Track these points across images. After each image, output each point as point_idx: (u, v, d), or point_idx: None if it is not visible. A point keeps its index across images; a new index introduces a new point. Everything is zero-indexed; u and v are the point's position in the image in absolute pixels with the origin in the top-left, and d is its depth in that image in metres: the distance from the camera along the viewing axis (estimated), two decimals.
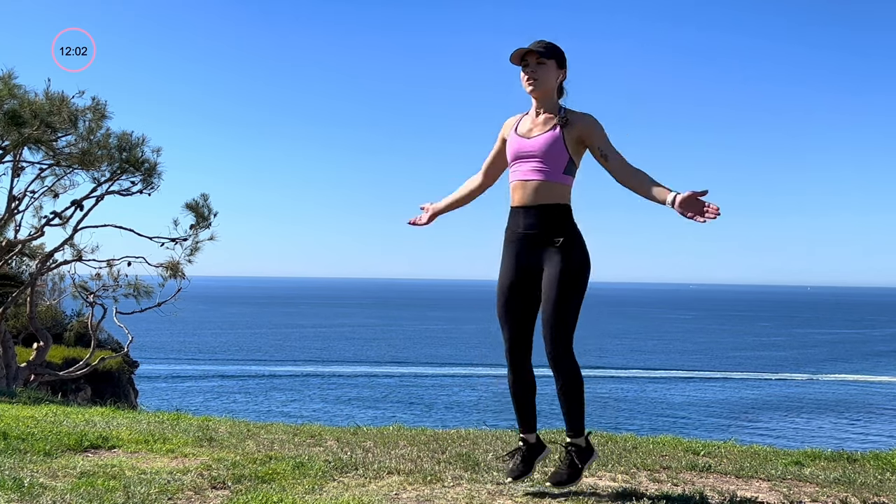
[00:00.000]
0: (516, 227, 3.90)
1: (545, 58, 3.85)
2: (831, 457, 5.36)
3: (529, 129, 3.93)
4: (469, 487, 4.00)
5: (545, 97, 3.90)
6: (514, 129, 4.00)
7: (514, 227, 3.92)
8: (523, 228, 3.86)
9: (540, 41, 3.91)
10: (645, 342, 75.31)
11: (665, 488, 4.13)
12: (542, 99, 3.91)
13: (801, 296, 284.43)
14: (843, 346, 76.14)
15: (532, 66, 3.87)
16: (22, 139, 13.14)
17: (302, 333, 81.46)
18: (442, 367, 54.70)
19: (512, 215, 3.94)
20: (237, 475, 4.17)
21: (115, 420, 6.56)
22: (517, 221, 3.90)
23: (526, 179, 3.86)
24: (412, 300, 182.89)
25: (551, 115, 3.89)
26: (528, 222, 3.84)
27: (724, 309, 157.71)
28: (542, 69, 3.86)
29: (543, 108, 3.92)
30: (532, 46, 3.88)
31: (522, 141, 3.90)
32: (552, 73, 3.88)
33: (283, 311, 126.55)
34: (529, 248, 3.85)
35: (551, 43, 3.91)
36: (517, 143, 3.92)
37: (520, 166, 3.89)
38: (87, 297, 17.44)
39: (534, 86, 3.88)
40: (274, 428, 6.25)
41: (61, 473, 4.19)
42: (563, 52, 3.93)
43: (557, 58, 3.89)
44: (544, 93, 3.89)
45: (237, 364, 55.20)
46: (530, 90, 3.90)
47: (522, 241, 3.87)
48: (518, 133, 3.95)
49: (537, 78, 3.86)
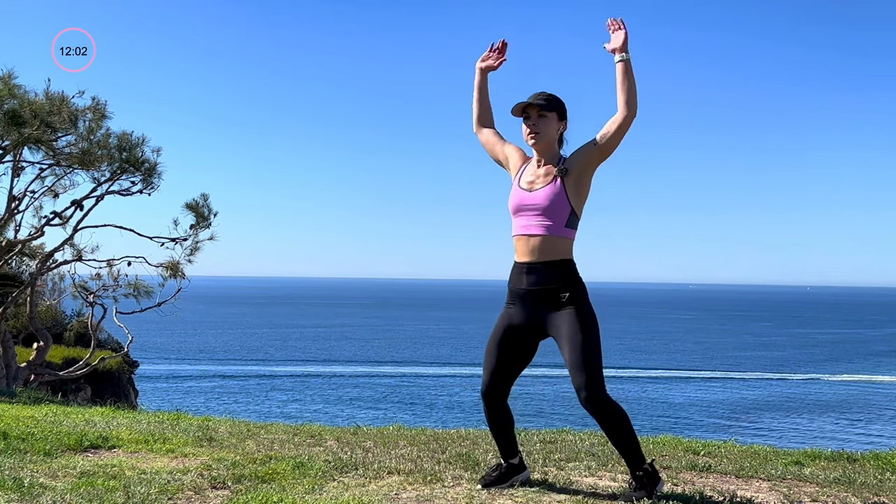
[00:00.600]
0: (521, 283, 3.90)
1: (546, 111, 3.88)
2: (831, 457, 5.36)
3: (531, 181, 3.92)
4: (469, 487, 4.00)
5: (546, 149, 3.92)
6: (517, 179, 3.99)
7: (518, 283, 3.92)
8: (528, 285, 3.86)
9: (541, 94, 3.94)
10: (645, 342, 75.30)
11: (665, 488, 4.13)
12: (543, 151, 3.93)
13: (801, 296, 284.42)
14: (843, 346, 76.13)
15: (533, 118, 3.89)
16: (22, 139, 13.14)
17: (302, 333, 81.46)
18: (442, 367, 54.71)
19: (515, 270, 3.94)
20: (237, 475, 4.17)
21: (115, 420, 6.57)
22: (521, 278, 3.89)
23: (529, 234, 3.86)
24: (412, 300, 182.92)
25: (552, 167, 3.90)
26: (532, 279, 3.85)
27: (724, 309, 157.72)
28: (543, 122, 3.88)
29: (544, 159, 3.93)
30: (533, 100, 3.90)
31: (524, 194, 3.90)
32: (553, 126, 3.90)
33: (284, 311, 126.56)
34: (534, 303, 3.85)
35: (552, 95, 3.94)
36: (519, 196, 3.92)
37: (521, 220, 3.90)
38: (87, 297, 17.44)
39: (535, 139, 3.90)
40: (274, 428, 6.25)
41: (61, 473, 4.19)
42: (563, 104, 3.96)
43: (559, 110, 3.92)
44: (546, 146, 3.91)
45: (237, 364, 55.20)
46: (532, 143, 3.92)
47: (527, 296, 3.87)
48: (520, 185, 3.96)
49: (539, 132, 3.88)
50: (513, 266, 3.97)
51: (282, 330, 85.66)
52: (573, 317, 3.75)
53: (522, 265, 3.90)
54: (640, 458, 3.78)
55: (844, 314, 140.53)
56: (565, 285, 3.80)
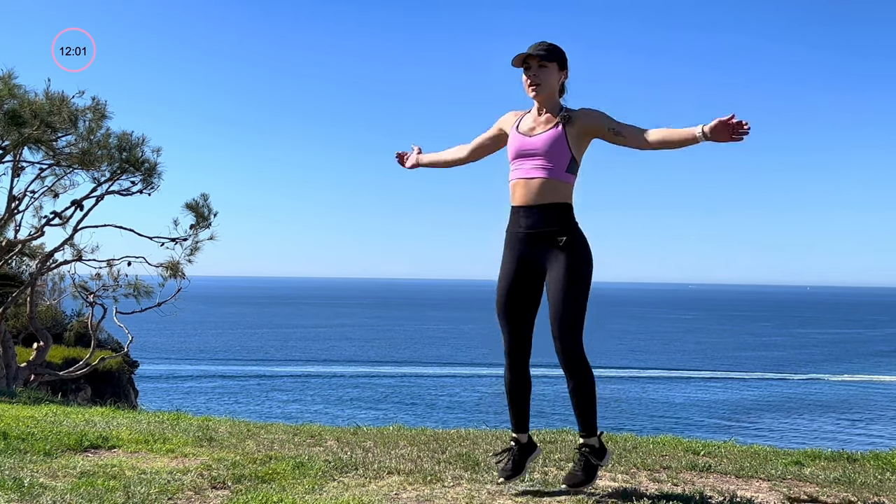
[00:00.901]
0: (517, 227, 3.89)
1: (547, 61, 3.85)
2: (831, 457, 5.36)
3: (531, 127, 3.92)
4: (469, 487, 4.00)
5: (548, 99, 3.91)
6: (516, 126, 3.98)
7: (515, 227, 3.91)
8: (525, 228, 3.85)
9: (541, 43, 3.90)
10: (645, 342, 75.31)
11: (665, 488, 4.13)
12: (544, 101, 3.92)
13: (801, 296, 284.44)
14: (843, 346, 76.14)
15: (534, 69, 3.87)
16: (22, 139, 13.14)
17: (302, 333, 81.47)
18: (443, 368, 54.71)
19: (513, 214, 3.92)
20: (237, 475, 4.17)
21: (115, 420, 6.57)
22: (518, 221, 3.88)
23: (528, 178, 3.84)
24: (413, 300, 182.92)
25: (553, 115, 3.90)
26: (529, 221, 3.83)
27: (723, 309, 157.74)
28: (544, 72, 3.87)
29: (546, 108, 3.93)
30: (532, 50, 3.87)
31: (524, 139, 3.89)
32: (554, 76, 3.88)
33: (284, 311, 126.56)
34: (531, 247, 3.84)
35: (552, 44, 3.90)
36: (518, 141, 3.91)
37: (521, 164, 3.88)
38: (87, 297, 17.44)
39: (536, 90, 3.88)
40: (274, 428, 6.25)
41: (61, 473, 4.19)
42: (564, 53, 3.93)
43: (559, 60, 3.89)
44: (547, 96, 3.90)
45: (237, 364, 55.21)
46: (533, 94, 3.90)
47: (524, 240, 3.86)
48: (519, 131, 3.94)
49: (540, 82, 3.87)
50: (510, 212, 3.93)
51: (282, 330, 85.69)
52: (566, 263, 3.73)
53: (520, 208, 3.87)
54: (595, 426, 3.82)
55: (844, 314, 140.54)
56: (562, 229, 3.78)
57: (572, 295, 3.72)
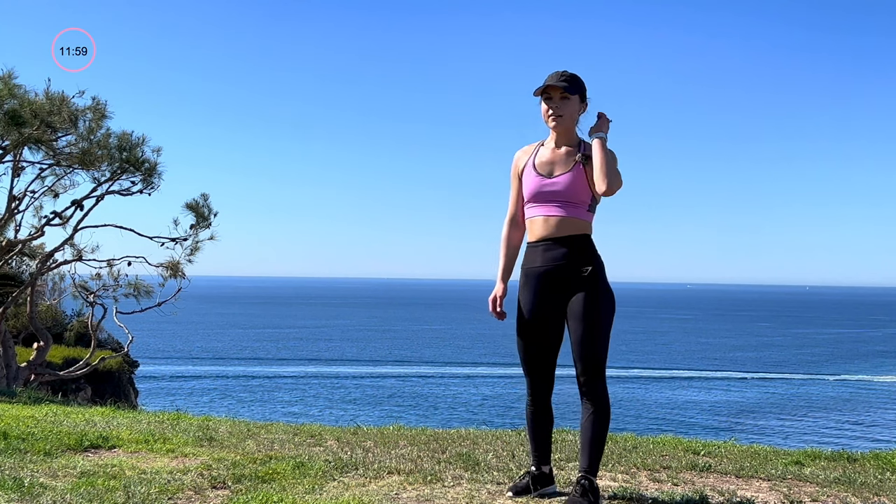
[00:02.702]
0: (537, 263, 3.76)
1: (570, 93, 3.74)
2: (831, 457, 5.37)
3: (550, 164, 3.78)
4: (469, 487, 4.00)
5: (566, 132, 3.80)
6: (532, 163, 3.83)
7: (534, 263, 3.77)
8: (546, 262, 3.72)
9: (563, 73, 3.77)
10: (645, 342, 75.30)
11: (665, 488, 4.14)
12: (564, 133, 3.80)
13: (801, 296, 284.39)
14: (843, 346, 76.14)
15: (556, 100, 3.75)
16: (22, 139, 13.14)
17: (303, 333, 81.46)
18: (444, 367, 54.71)
19: (530, 251, 3.79)
20: (237, 475, 4.17)
21: (115, 420, 6.57)
22: (537, 256, 3.75)
23: (548, 215, 3.73)
24: (413, 300, 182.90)
25: (571, 149, 3.78)
26: (552, 255, 3.71)
27: (723, 309, 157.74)
28: (565, 104, 3.75)
29: (563, 141, 3.81)
30: (555, 81, 3.74)
31: (543, 180, 3.76)
32: (575, 108, 3.78)
33: (284, 311, 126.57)
34: (553, 282, 3.72)
35: (574, 75, 3.78)
36: (537, 183, 3.77)
37: (540, 204, 3.76)
38: (87, 297, 17.44)
39: (557, 122, 3.76)
40: (274, 428, 6.26)
41: (61, 473, 4.19)
42: (584, 85, 3.81)
43: (581, 92, 3.78)
44: (566, 128, 3.79)
45: (238, 364, 55.20)
46: (553, 125, 3.78)
47: (545, 276, 3.73)
48: (537, 168, 3.80)
49: (562, 114, 3.75)
50: (526, 249, 3.83)
51: (283, 330, 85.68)
52: (591, 297, 3.65)
53: (538, 244, 3.75)
54: (596, 467, 3.67)
55: (844, 314, 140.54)
56: (587, 259, 3.68)
57: (598, 330, 3.63)
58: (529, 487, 3.80)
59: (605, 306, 3.68)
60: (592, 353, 3.63)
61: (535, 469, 3.88)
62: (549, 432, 3.93)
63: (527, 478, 3.85)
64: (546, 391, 3.88)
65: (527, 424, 3.95)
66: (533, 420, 3.90)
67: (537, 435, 3.91)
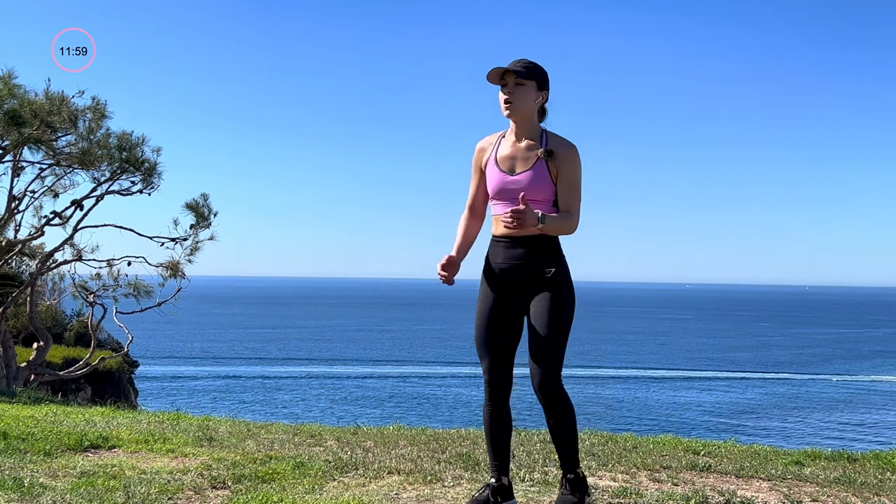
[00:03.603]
0: (500, 258, 3.65)
1: (524, 78, 3.55)
2: (831, 457, 5.37)
3: (511, 160, 3.64)
4: (469, 487, 4.00)
5: (524, 121, 3.62)
6: (494, 158, 3.69)
7: (496, 258, 3.67)
8: (506, 260, 3.62)
9: (520, 60, 3.61)
10: (645, 342, 75.31)
11: (665, 488, 4.14)
12: (521, 123, 3.63)
13: (801, 296, 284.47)
14: (843, 346, 76.16)
15: (510, 86, 3.57)
16: (22, 139, 13.15)
17: (303, 334, 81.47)
18: (445, 367, 54.70)
19: (494, 245, 3.68)
20: (237, 475, 4.17)
21: (115, 420, 6.57)
22: (500, 252, 3.64)
23: None
24: (413, 300, 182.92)
25: (533, 142, 3.61)
26: (514, 253, 3.59)
27: (722, 309, 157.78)
28: (520, 91, 3.56)
29: (523, 133, 3.64)
30: (510, 66, 3.58)
31: (504, 177, 3.62)
32: (531, 96, 3.58)
33: (285, 311, 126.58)
34: (514, 280, 3.62)
35: (532, 62, 3.61)
36: (499, 179, 3.63)
37: (504, 202, 3.64)
38: (87, 297, 17.45)
39: (510, 109, 3.58)
40: (274, 428, 6.25)
41: (61, 473, 4.19)
42: (544, 73, 3.63)
43: (538, 79, 3.59)
44: (522, 116, 3.60)
45: (238, 364, 55.21)
46: (507, 114, 3.60)
47: (507, 272, 3.63)
48: (499, 164, 3.66)
49: (513, 101, 3.56)
50: (490, 242, 3.72)
51: (283, 330, 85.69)
52: (551, 299, 3.54)
53: (502, 239, 3.64)
54: (577, 461, 3.61)
55: (844, 314, 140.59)
56: (551, 261, 3.58)
57: (556, 332, 3.52)
58: (489, 500, 3.62)
59: (566, 308, 3.57)
60: (550, 354, 3.51)
61: (495, 481, 3.66)
62: (508, 438, 3.74)
63: (486, 490, 3.64)
64: (503, 390, 3.72)
65: (484, 429, 3.79)
66: (490, 423, 3.72)
67: (495, 440, 3.71)
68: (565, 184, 3.59)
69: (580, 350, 61.98)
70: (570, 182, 3.59)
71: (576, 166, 3.60)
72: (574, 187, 3.60)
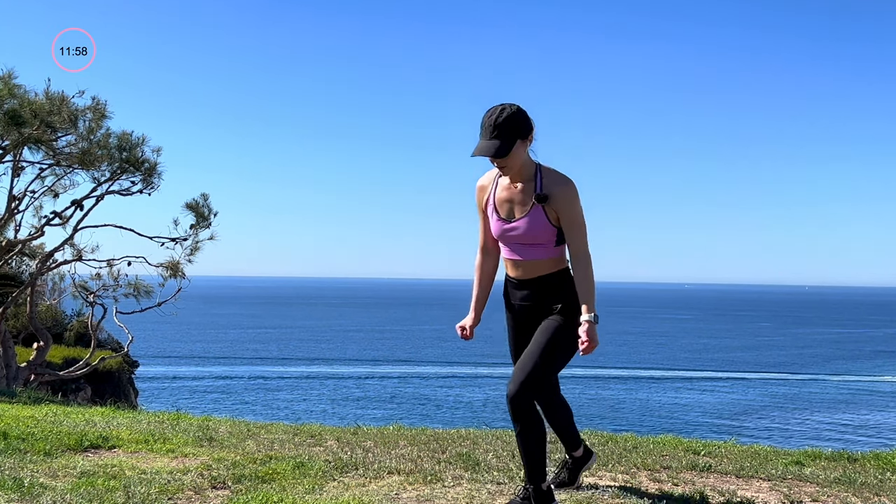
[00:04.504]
0: (513, 299, 3.84)
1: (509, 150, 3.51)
2: (831, 457, 5.36)
3: (509, 203, 3.67)
4: (469, 487, 4.00)
5: (519, 172, 3.64)
6: (493, 202, 3.73)
7: (511, 298, 3.86)
8: (516, 300, 3.81)
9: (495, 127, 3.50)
10: (645, 342, 75.30)
11: (665, 488, 4.14)
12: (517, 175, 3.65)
13: (801, 296, 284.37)
14: (843, 345, 76.14)
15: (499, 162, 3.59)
16: (22, 139, 13.14)
17: (304, 334, 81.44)
18: (445, 367, 54.69)
19: (508, 283, 3.85)
20: (237, 475, 4.17)
21: (115, 420, 6.56)
22: (513, 292, 3.82)
23: (517, 259, 3.72)
24: (413, 300, 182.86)
25: (528, 183, 3.64)
26: (524, 294, 3.76)
27: (722, 309, 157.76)
28: (509, 159, 3.55)
29: (518, 176, 3.65)
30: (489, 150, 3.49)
31: (504, 224, 3.69)
32: (520, 152, 3.56)
33: (285, 311, 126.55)
34: (528, 315, 3.79)
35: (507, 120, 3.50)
36: (499, 226, 3.70)
37: (506, 247, 3.75)
38: (87, 297, 17.43)
39: (505, 173, 3.64)
40: (274, 428, 6.25)
41: (61, 473, 4.19)
42: (521, 121, 3.54)
43: (520, 134, 3.54)
44: (518, 171, 3.63)
45: (238, 365, 55.19)
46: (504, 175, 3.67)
47: (521, 310, 3.82)
48: (498, 209, 3.71)
49: (505, 165, 3.58)
50: (505, 278, 3.87)
51: (283, 330, 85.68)
52: (554, 323, 3.64)
53: (513, 280, 3.81)
54: (542, 476, 3.58)
55: (844, 314, 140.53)
56: (558, 297, 3.68)
57: (550, 353, 3.58)
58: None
59: (567, 338, 3.61)
60: (532, 374, 3.53)
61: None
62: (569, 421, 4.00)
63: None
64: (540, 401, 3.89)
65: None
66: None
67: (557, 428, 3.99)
68: (567, 224, 3.63)
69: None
70: (571, 221, 3.62)
71: (573, 204, 3.62)
72: (576, 225, 3.63)
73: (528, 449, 3.56)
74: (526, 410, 3.53)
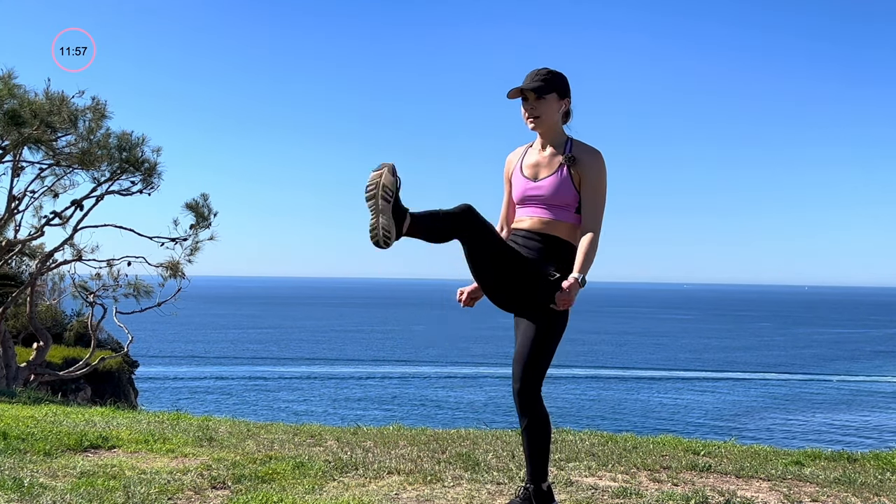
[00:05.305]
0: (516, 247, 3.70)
1: (545, 93, 3.61)
2: (831, 457, 5.37)
3: (536, 167, 3.70)
4: (469, 487, 4.00)
5: (549, 131, 3.68)
6: (519, 166, 3.76)
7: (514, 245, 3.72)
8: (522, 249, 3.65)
9: (537, 73, 3.64)
10: (645, 342, 75.29)
11: (665, 488, 4.14)
12: (546, 133, 3.69)
13: (801, 296, 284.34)
14: (843, 345, 76.12)
15: (531, 101, 3.63)
16: (22, 139, 13.14)
17: (304, 334, 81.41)
18: (446, 367, 54.67)
19: (513, 236, 3.72)
20: (237, 475, 4.17)
21: (115, 420, 6.57)
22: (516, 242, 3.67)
23: (533, 216, 3.66)
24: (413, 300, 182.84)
25: (557, 150, 3.67)
26: (528, 244, 3.63)
27: (723, 309, 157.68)
28: (542, 105, 3.62)
29: (548, 142, 3.69)
30: (528, 83, 3.62)
31: (529, 184, 3.69)
32: (554, 107, 3.63)
33: (285, 311, 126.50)
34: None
35: (550, 72, 3.64)
36: (523, 186, 3.70)
37: (526, 209, 3.70)
38: (87, 297, 17.44)
39: (535, 123, 3.65)
40: (274, 428, 6.25)
41: (61, 473, 4.19)
42: (563, 80, 3.67)
43: (558, 89, 3.64)
44: (548, 128, 3.67)
45: (238, 365, 55.18)
46: (532, 127, 3.68)
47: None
48: (524, 171, 3.73)
49: (538, 115, 3.63)
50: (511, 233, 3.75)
51: (283, 330, 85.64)
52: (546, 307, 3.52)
53: (518, 231, 3.69)
54: (544, 474, 3.58)
55: (844, 314, 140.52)
56: (558, 265, 3.55)
57: (545, 339, 3.54)
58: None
59: (557, 325, 3.57)
60: (529, 366, 3.52)
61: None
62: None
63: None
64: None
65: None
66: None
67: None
68: (589, 190, 3.62)
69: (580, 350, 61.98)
70: (594, 188, 3.62)
71: (600, 172, 3.63)
72: (597, 193, 3.62)
73: (533, 445, 3.55)
74: (533, 403, 3.53)
